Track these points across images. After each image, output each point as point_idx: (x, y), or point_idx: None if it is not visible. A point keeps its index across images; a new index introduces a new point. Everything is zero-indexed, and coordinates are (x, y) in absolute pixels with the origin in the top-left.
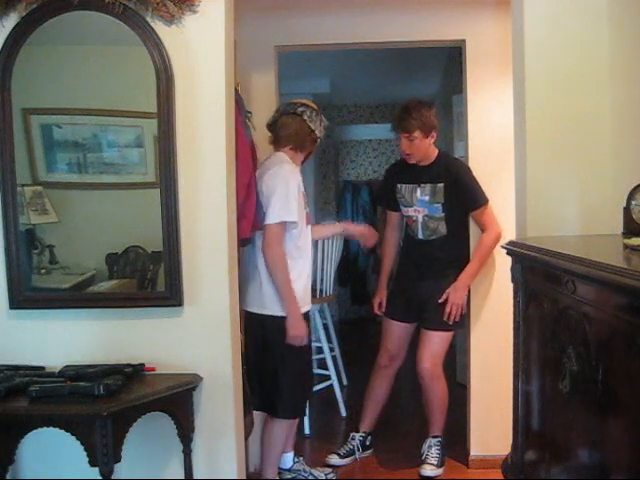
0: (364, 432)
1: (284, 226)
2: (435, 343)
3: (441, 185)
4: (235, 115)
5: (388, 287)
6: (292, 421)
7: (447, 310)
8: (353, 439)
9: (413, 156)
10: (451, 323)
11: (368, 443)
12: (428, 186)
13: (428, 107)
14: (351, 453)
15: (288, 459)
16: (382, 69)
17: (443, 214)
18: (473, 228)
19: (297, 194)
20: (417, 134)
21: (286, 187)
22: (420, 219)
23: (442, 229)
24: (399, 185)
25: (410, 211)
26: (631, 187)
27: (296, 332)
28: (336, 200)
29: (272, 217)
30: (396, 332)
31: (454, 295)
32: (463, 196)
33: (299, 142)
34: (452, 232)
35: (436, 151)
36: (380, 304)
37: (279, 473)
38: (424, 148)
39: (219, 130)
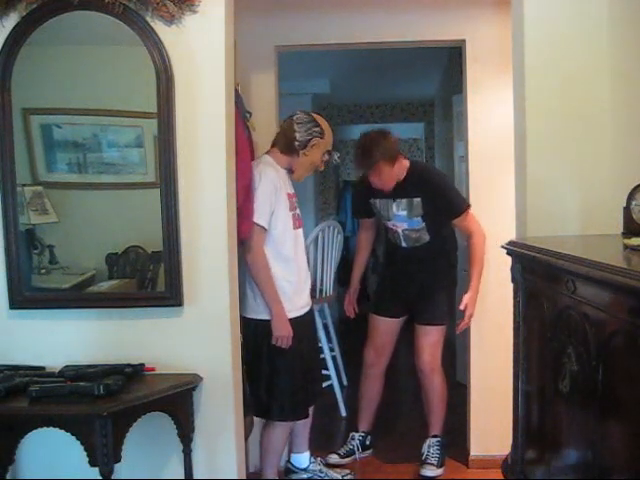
0: (363, 432)
1: (261, 228)
2: (433, 336)
3: (418, 199)
4: (235, 115)
5: (363, 284)
6: (290, 424)
7: (465, 322)
8: (353, 439)
9: (385, 187)
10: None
11: (368, 443)
12: (404, 201)
13: (384, 136)
14: (351, 453)
15: (304, 459)
16: (382, 69)
17: (424, 224)
18: None
19: (269, 197)
20: (382, 165)
21: (257, 190)
22: (400, 232)
23: (425, 237)
24: (373, 200)
25: (389, 225)
26: (631, 187)
27: (280, 333)
28: (336, 200)
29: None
30: (382, 327)
31: (472, 307)
32: (443, 207)
33: (283, 143)
34: (435, 239)
35: (407, 165)
36: (350, 301)
37: (293, 471)
38: (393, 176)
39: (219, 130)
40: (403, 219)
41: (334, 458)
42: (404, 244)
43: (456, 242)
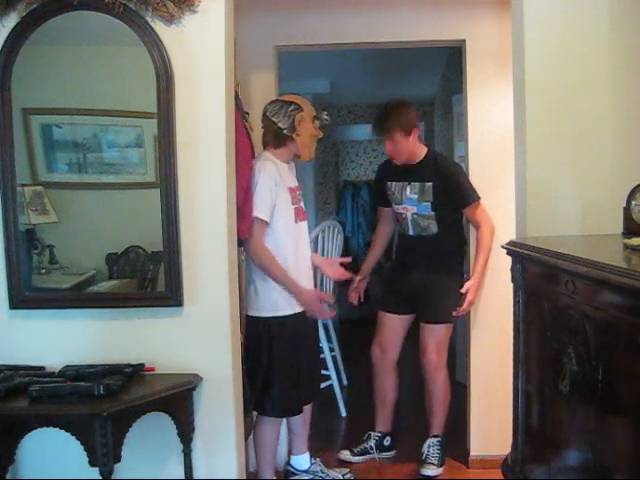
0: (380, 432)
1: (262, 222)
2: (438, 334)
3: (429, 184)
4: (236, 115)
5: (372, 280)
6: (280, 420)
7: (463, 307)
8: (369, 438)
9: (398, 157)
10: (453, 315)
11: (387, 444)
12: (417, 185)
13: (406, 106)
14: (364, 452)
15: (305, 460)
16: (382, 69)
17: (433, 213)
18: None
19: (269, 191)
20: (397, 135)
21: (257, 184)
22: (409, 216)
23: (433, 227)
24: (389, 182)
25: (400, 208)
26: (631, 187)
27: (309, 308)
28: (336, 200)
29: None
30: (388, 324)
31: (473, 293)
32: (453, 194)
33: (272, 139)
34: (443, 230)
35: (424, 150)
36: (356, 288)
37: (294, 473)
38: (408, 148)
39: (219, 130)
40: (413, 203)
41: (345, 454)
42: (411, 232)
43: (464, 241)
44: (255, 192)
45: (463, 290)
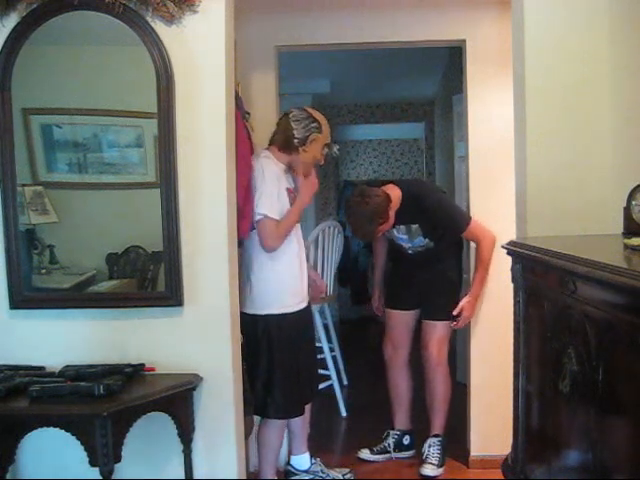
0: (398, 430)
1: (274, 221)
2: (440, 330)
3: (416, 226)
4: (236, 115)
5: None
6: (285, 421)
7: (459, 324)
8: (387, 437)
9: (391, 224)
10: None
11: (406, 442)
12: (403, 227)
13: (367, 198)
14: (384, 451)
15: (305, 460)
16: (382, 69)
17: (427, 240)
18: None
19: (277, 190)
20: (384, 226)
21: (262, 183)
22: (405, 247)
23: (430, 245)
24: None
25: (395, 243)
26: (631, 187)
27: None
28: (336, 200)
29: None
30: (397, 320)
31: (469, 310)
32: (443, 229)
33: (281, 141)
34: (441, 242)
35: (399, 195)
36: (378, 305)
37: (294, 473)
38: (391, 220)
39: (219, 130)
40: (405, 241)
41: (365, 453)
42: (410, 251)
43: (462, 243)
44: (261, 191)
45: (455, 312)
